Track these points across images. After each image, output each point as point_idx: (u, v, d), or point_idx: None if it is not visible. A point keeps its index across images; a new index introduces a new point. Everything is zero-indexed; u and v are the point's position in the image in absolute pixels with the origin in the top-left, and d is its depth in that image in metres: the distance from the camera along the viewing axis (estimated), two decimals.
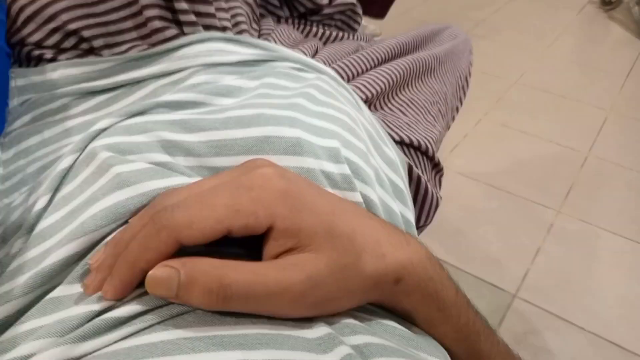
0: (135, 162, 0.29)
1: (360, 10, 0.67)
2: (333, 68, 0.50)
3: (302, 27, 0.62)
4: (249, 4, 0.53)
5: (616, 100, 1.68)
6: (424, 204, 0.51)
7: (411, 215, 0.40)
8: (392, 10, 1.81)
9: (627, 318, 1.00)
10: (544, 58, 1.96)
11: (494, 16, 2.28)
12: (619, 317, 1.00)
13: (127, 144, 0.31)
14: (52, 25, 0.44)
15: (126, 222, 0.26)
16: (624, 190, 1.32)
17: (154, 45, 0.44)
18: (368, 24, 1.81)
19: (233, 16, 0.49)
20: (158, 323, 0.21)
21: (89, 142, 0.32)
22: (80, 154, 0.31)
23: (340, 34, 0.63)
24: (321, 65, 0.44)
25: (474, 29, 2.15)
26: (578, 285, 1.07)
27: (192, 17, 0.44)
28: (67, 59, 0.44)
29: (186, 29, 0.44)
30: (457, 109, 0.68)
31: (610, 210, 1.25)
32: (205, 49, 0.42)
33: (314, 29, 0.62)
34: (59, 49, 0.44)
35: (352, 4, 0.65)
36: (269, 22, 0.58)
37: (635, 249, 1.16)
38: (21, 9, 0.44)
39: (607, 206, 1.26)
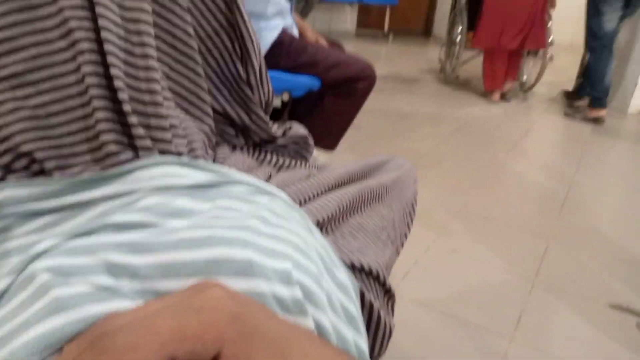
0: (76, 286, 0.28)
1: (312, 142, 0.71)
2: (286, 193, 0.51)
3: (256, 154, 0.64)
4: (205, 133, 0.56)
5: (555, 228, 1.79)
6: (377, 332, 0.50)
7: (364, 344, 0.39)
8: (342, 142, 1.94)
9: None
10: (485, 187, 2.09)
11: (437, 148, 2.46)
12: None
13: (70, 266, 0.30)
14: (4, 146, 0.43)
15: (61, 349, 0.24)
16: (572, 316, 1.34)
17: (106, 168, 0.45)
18: (319, 155, 1.91)
19: (189, 142, 0.50)
20: None
21: (29, 264, 0.30)
22: (18, 276, 0.30)
23: (293, 162, 0.66)
24: (274, 189, 0.45)
25: (418, 160, 2.30)
26: None
27: (148, 143, 0.45)
28: (16, 179, 0.43)
29: (141, 154, 0.45)
30: (406, 235, 0.70)
31: (561, 336, 1.26)
32: (159, 173, 0.43)
33: (268, 156, 0.65)
34: (8, 170, 0.44)
35: (305, 136, 0.69)
36: (224, 150, 0.60)
37: None
38: None
39: (558, 333, 1.27)
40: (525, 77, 3.68)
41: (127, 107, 0.44)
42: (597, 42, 2.93)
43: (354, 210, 0.58)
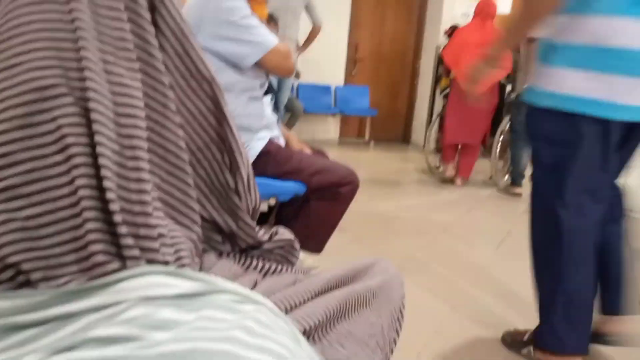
0: None
1: (298, 246, 0.72)
2: (272, 300, 0.51)
3: (242, 260, 0.64)
4: (192, 240, 0.56)
5: None
6: None
7: None
8: (328, 246, 1.94)
9: None
10: (469, 290, 2.07)
11: (422, 252, 2.47)
12: None
13: None
14: None
15: None
16: None
17: (93, 278, 0.45)
18: (305, 258, 1.90)
19: (176, 251, 0.51)
20: None
21: None
22: None
23: (279, 267, 0.66)
24: (260, 297, 0.45)
25: (404, 263, 2.29)
26: None
27: (137, 252, 0.46)
28: (0, 291, 0.43)
29: (129, 263, 0.45)
30: (395, 341, 0.69)
31: None
32: (144, 283, 0.43)
33: (254, 262, 0.65)
34: None
35: (291, 240, 0.70)
36: (210, 257, 0.60)
37: None
38: None
39: None
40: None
41: (117, 218, 0.45)
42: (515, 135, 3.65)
43: (341, 317, 0.57)
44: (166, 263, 0.47)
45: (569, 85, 1.20)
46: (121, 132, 0.48)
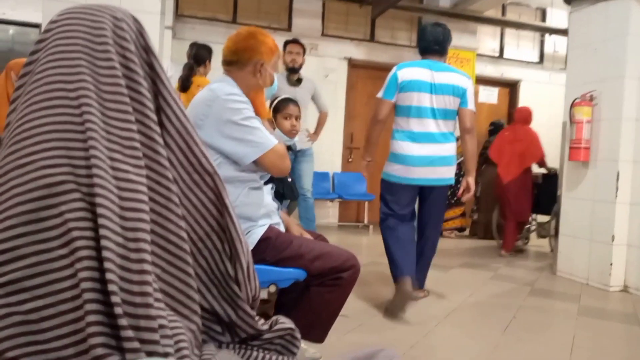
0: None
1: (299, 335, 0.71)
2: None
3: (242, 351, 0.63)
4: (192, 331, 0.56)
5: None
6: None
7: None
8: (330, 334, 1.88)
9: None
10: None
11: (427, 337, 2.39)
12: None
13: None
14: None
15: None
16: None
17: None
18: (308, 347, 1.84)
19: (177, 342, 0.51)
20: None
21: None
22: None
23: (280, 358, 0.65)
24: None
25: (408, 351, 2.21)
26: None
27: (136, 345, 0.45)
28: None
29: (128, 356, 0.45)
30: None
31: None
32: None
33: (254, 353, 0.64)
34: None
35: (291, 328, 0.69)
36: (210, 348, 0.60)
37: None
38: None
39: None
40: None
41: (118, 310, 0.45)
42: None
43: None
44: (166, 355, 0.47)
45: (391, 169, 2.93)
46: (126, 225, 0.50)
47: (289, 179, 2.94)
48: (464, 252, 5.00)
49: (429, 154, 2.75)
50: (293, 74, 3.97)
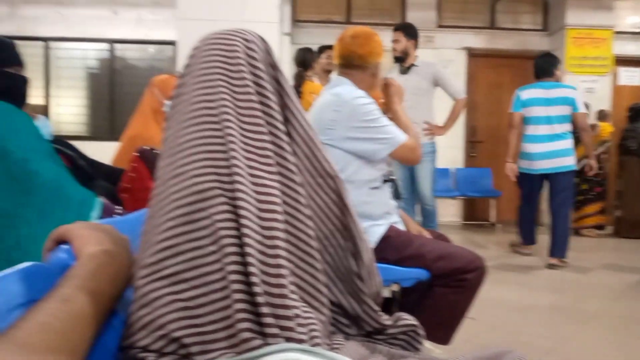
0: None
1: (422, 332, 0.72)
2: None
3: (368, 343, 0.67)
4: (322, 322, 0.61)
5: None
6: None
7: None
8: (458, 336, 1.84)
9: None
10: None
11: (564, 344, 2.23)
12: None
13: None
14: (160, 332, 0.53)
15: None
16: None
17: (239, 353, 0.51)
18: (434, 348, 1.83)
19: (310, 330, 0.56)
20: None
21: None
22: None
23: (405, 353, 0.68)
24: None
25: (544, 357, 2.08)
26: None
27: (276, 330, 0.52)
28: None
29: (270, 340, 0.51)
30: None
31: None
32: (283, 358, 0.48)
33: (379, 346, 0.67)
34: (160, 353, 0.52)
35: (414, 325, 0.71)
36: (339, 338, 0.64)
37: None
38: (140, 318, 0.54)
39: None
40: None
41: (261, 299, 0.52)
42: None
43: None
44: (301, 341, 0.53)
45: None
46: (263, 225, 0.57)
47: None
48: (606, 252, 4.54)
49: (547, 150, 3.80)
50: (398, 63, 3.61)
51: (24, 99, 1.56)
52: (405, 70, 3.58)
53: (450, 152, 6.08)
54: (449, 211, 6.16)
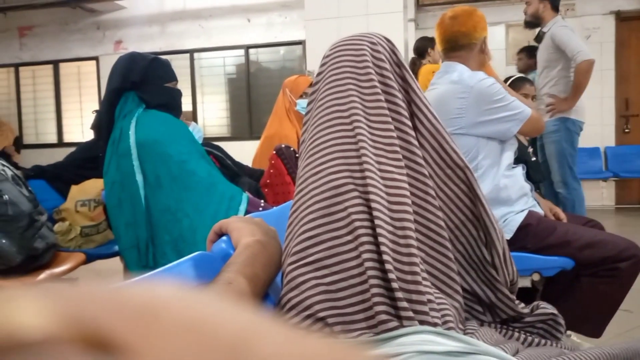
0: None
1: (562, 321, 0.71)
2: None
3: (503, 332, 0.68)
4: (455, 308, 0.64)
5: None
6: None
7: None
8: (609, 329, 1.70)
9: None
10: None
11: None
12: None
13: None
14: (307, 312, 0.60)
15: None
16: None
17: (377, 334, 0.56)
18: (582, 341, 1.71)
19: (443, 315, 0.59)
20: None
21: None
22: None
23: (543, 341, 0.67)
24: None
25: None
26: None
27: (410, 314, 0.55)
28: None
29: (405, 322, 0.55)
30: None
31: None
32: (419, 339, 0.52)
33: (516, 334, 0.67)
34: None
35: (554, 314, 0.70)
36: (473, 324, 0.66)
37: None
38: (289, 300, 0.61)
39: None
40: None
41: (395, 285, 0.56)
42: None
43: None
44: (435, 325, 0.56)
45: None
46: (394, 217, 0.61)
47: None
48: None
49: None
50: (528, 28, 3.10)
51: (179, 109, 1.80)
52: (539, 39, 3.10)
53: (599, 129, 5.48)
54: (599, 194, 5.57)
